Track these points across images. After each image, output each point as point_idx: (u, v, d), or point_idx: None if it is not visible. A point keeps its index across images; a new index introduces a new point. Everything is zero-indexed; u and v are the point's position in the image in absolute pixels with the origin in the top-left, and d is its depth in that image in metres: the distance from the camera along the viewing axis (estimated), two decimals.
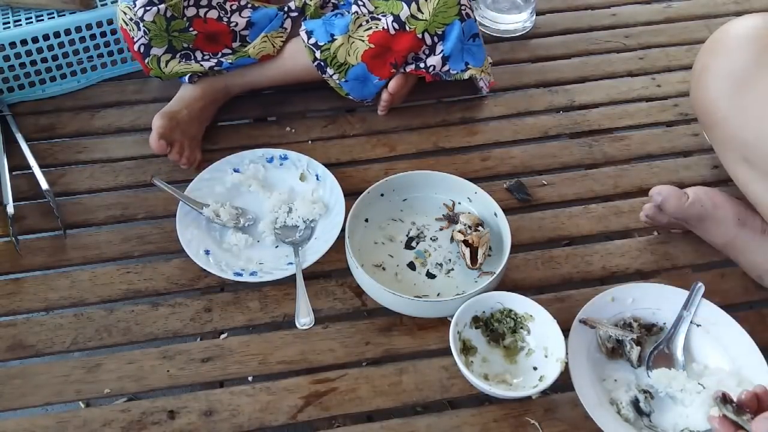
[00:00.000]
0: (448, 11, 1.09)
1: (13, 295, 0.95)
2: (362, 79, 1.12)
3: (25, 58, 1.18)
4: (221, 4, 1.13)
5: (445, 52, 1.11)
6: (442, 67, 1.13)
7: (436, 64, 1.12)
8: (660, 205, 0.94)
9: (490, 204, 0.99)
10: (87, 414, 0.83)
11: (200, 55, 1.13)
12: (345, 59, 1.10)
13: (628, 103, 1.24)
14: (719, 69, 0.91)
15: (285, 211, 1.02)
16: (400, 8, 1.08)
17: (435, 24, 1.09)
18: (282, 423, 0.83)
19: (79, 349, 0.90)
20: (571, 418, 0.82)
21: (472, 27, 1.12)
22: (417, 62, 1.13)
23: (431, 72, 1.13)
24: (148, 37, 1.08)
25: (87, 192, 1.09)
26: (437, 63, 1.12)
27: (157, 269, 0.98)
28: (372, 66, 1.11)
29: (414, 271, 0.96)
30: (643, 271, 0.98)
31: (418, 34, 1.09)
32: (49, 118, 1.20)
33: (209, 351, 0.89)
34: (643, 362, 0.84)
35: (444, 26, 1.10)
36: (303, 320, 0.91)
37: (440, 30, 1.10)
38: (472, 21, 1.12)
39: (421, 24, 1.09)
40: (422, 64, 1.13)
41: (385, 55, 1.10)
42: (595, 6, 1.44)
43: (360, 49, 1.09)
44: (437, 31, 1.10)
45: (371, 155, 1.14)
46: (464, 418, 0.83)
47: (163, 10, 1.06)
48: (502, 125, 1.20)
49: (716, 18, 1.40)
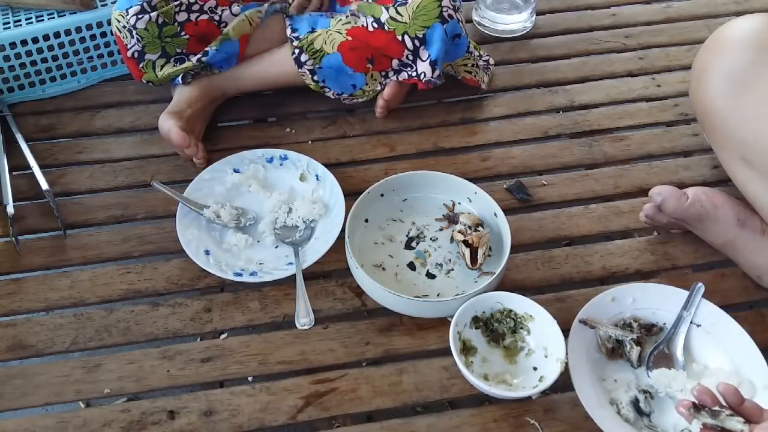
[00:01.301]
0: (428, 14, 1.08)
1: (13, 295, 0.95)
2: (336, 69, 1.11)
3: (25, 58, 1.18)
4: (212, 9, 1.13)
5: (431, 57, 1.10)
6: (433, 74, 1.12)
7: (426, 71, 1.11)
8: (660, 205, 0.94)
9: (490, 204, 0.99)
10: (87, 414, 0.83)
11: (193, 58, 1.13)
12: (321, 47, 1.10)
13: (628, 103, 1.24)
14: (719, 69, 0.91)
15: (285, 212, 1.02)
16: (380, 12, 1.10)
17: (415, 27, 1.08)
18: (282, 423, 0.83)
19: (79, 349, 0.90)
20: (571, 418, 0.82)
21: (455, 28, 1.11)
22: (406, 69, 1.12)
23: (423, 80, 1.12)
24: (141, 44, 1.09)
25: (87, 192, 1.09)
26: (427, 70, 1.11)
27: (157, 269, 0.98)
28: (347, 58, 1.10)
29: (414, 272, 0.96)
30: (643, 271, 0.98)
31: (398, 36, 1.09)
32: (49, 118, 1.20)
33: (209, 351, 0.89)
34: (643, 362, 0.84)
35: (424, 29, 1.09)
36: (303, 320, 0.91)
37: (421, 33, 1.09)
38: (455, 22, 1.10)
39: (401, 27, 1.09)
40: (413, 72, 1.12)
41: (362, 49, 1.10)
42: (595, 6, 1.44)
43: (337, 40, 1.10)
44: (418, 35, 1.09)
45: (371, 155, 1.14)
46: (464, 418, 0.83)
47: (154, 18, 1.07)
48: (502, 125, 1.20)
49: (716, 18, 1.40)
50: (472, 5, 1.39)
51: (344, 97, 1.16)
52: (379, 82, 1.14)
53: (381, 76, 1.13)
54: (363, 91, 1.15)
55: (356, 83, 1.13)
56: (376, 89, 1.15)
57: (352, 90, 1.14)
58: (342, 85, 1.14)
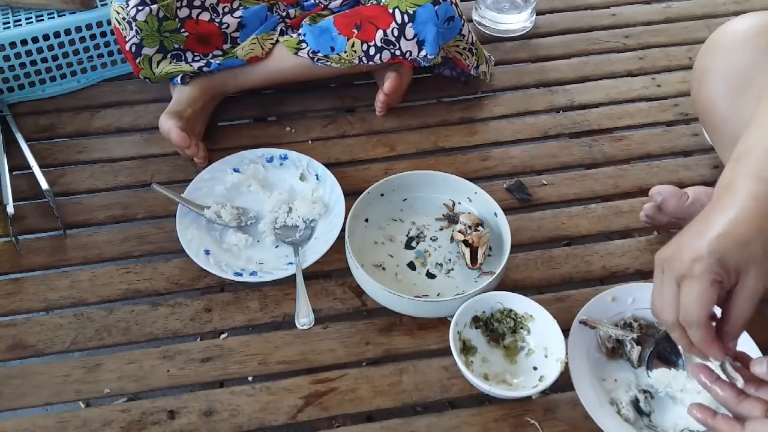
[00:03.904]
0: None
1: (13, 295, 0.95)
2: (322, 28, 1.12)
3: (25, 58, 1.18)
4: (214, 6, 1.13)
5: (419, 37, 1.10)
6: (419, 53, 1.11)
7: (411, 50, 1.11)
8: (660, 204, 0.94)
9: (490, 204, 0.99)
10: (87, 414, 0.83)
11: (191, 56, 1.13)
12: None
13: (628, 103, 1.24)
14: (719, 69, 0.91)
15: (285, 211, 1.02)
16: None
17: (407, 3, 1.08)
18: (282, 423, 0.83)
19: (79, 349, 0.90)
20: (571, 418, 0.82)
21: (447, 10, 1.10)
22: (389, 47, 1.11)
23: (408, 58, 1.12)
24: (139, 37, 1.08)
25: (87, 192, 1.09)
26: (413, 48, 1.10)
27: (157, 269, 0.98)
28: (337, 20, 1.11)
29: (414, 271, 0.96)
30: (643, 271, 0.98)
31: (389, 9, 1.09)
32: (49, 118, 1.20)
33: (209, 351, 0.89)
34: (643, 362, 0.84)
35: (416, 6, 1.08)
36: (303, 320, 0.91)
37: (411, 9, 1.08)
38: (447, 4, 1.09)
39: (394, 2, 1.09)
40: (397, 51, 1.11)
41: (352, 16, 1.11)
42: (595, 6, 1.44)
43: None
44: (408, 10, 1.08)
45: (371, 155, 1.14)
46: (464, 418, 0.83)
47: (155, 11, 1.07)
48: (502, 125, 1.20)
49: (716, 18, 1.40)
50: (472, 5, 1.39)
51: (318, 57, 1.12)
52: (358, 56, 1.12)
53: (362, 50, 1.11)
54: (339, 57, 1.12)
55: (336, 46, 1.12)
56: (353, 61, 1.12)
57: (329, 52, 1.12)
58: (321, 44, 1.12)
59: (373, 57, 1.11)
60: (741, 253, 0.63)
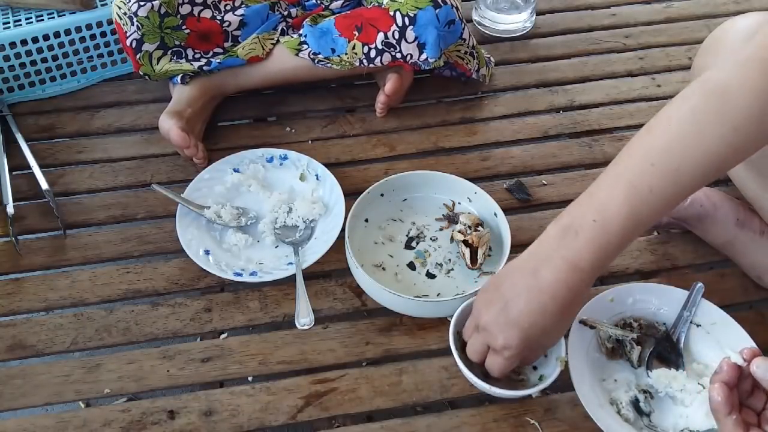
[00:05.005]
0: None
1: (13, 295, 0.95)
2: (323, 29, 1.12)
3: (25, 58, 1.18)
4: (216, 4, 1.13)
5: (420, 40, 1.10)
6: (419, 56, 1.11)
7: (412, 53, 1.11)
8: None
9: (490, 204, 0.99)
10: (87, 414, 0.83)
11: (191, 54, 1.13)
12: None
13: (628, 103, 1.24)
14: None
15: (285, 211, 1.02)
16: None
17: (408, 6, 1.08)
18: (282, 423, 0.83)
19: (79, 349, 0.90)
20: (571, 418, 0.82)
21: (449, 13, 1.10)
22: (389, 50, 1.11)
23: (409, 61, 1.12)
24: (140, 33, 1.08)
25: (87, 192, 1.09)
26: (414, 51, 1.11)
27: (157, 269, 0.98)
28: (338, 22, 1.11)
29: (414, 271, 0.96)
30: (643, 271, 0.98)
31: (390, 11, 1.09)
32: (49, 118, 1.20)
33: (209, 351, 0.89)
34: (643, 362, 0.84)
35: (416, 9, 1.08)
36: (303, 320, 0.91)
37: (412, 12, 1.08)
38: (448, 7, 1.10)
39: (395, 5, 1.09)
40: (397, 54, 1.11)
41: (354, 18, 1.11)
42: (595, 6, 1.44)
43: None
44: (409, 13, 1.08)
45: (371, 155, 1.14)
46: (464, 418, 0.83)
47: (157, 6, 1.07)
48: (502, 125, 1.20)
49: (716, 18, 1.40)
50: (472, 5, 1.39)
51: (319, 59, 1.13)
52: (359, 58, 1.12)
53: (363, 52, 1.11)
54: (340, 59, 1.12)
55: (336, 48, 1.12)
56: (353, 63, 1.12)
57: (330, 54, 1.12)
58: (322, 46, 1.12)
59: (373, 59, 1.11)
60: (541, 339, 0.74)
